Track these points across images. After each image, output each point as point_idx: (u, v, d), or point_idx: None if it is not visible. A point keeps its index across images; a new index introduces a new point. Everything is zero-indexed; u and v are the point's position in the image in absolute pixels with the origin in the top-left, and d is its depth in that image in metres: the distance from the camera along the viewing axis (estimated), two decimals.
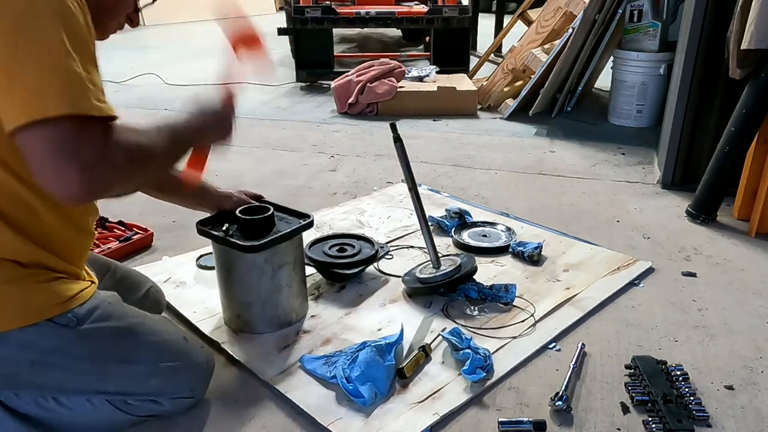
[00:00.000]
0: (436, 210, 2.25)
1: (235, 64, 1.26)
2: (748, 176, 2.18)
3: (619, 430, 1.25)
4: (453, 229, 2.09)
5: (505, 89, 3.86)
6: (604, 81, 4.09)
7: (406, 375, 1.36)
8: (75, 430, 1.19)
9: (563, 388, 1.34)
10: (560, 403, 1.29)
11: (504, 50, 4.98)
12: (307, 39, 4.33)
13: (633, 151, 3.06)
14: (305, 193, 2.53)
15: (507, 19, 5.33)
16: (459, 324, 1.58)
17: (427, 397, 1.32)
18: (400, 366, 1.37)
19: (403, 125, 3.44)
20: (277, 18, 7.21)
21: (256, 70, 1.27)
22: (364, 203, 2.40)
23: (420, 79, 3.94)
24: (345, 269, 1.76)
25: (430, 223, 1.77)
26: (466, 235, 2.07)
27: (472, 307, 1.66)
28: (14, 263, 1.06)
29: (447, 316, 1.62)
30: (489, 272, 1.85)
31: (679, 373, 1.38)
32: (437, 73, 4.05)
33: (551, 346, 1.51)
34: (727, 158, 2.16)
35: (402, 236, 2.10)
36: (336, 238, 1.92)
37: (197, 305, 1.67)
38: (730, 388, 1.37)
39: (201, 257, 1.92)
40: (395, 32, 6.76)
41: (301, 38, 4.34)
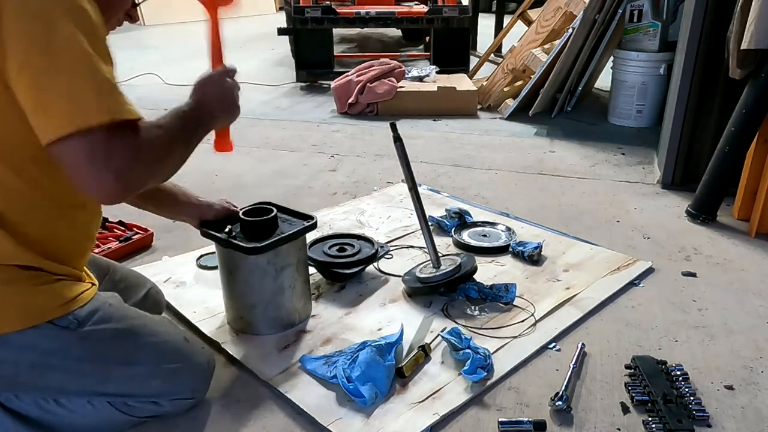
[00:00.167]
0: (436, 210, 2.25)
1: (214, 26, 1.26)
2: (748, 176, 2.18)
3: (619, 430, 1.25)
4: (453, 229, 2.09)
5: (505, 89, 3.86)
6: (604, 81, 4.09)
7: (405, 374, 1.36)
8: (75, 431, 1.19)
9: (563, 388, 1.34)
10: (560, 403, 1.29)
11: (504, 50, 4.98)
12: (307, 39, 4.33)
13: (633, 151, 3.06)
14: (305, 193, 2.53)
15: (507, 19, 5.33)
16: (459, 324, 1.58)
17: (427, 397, 1.32)
18: (399, 365, 1.37)
19: (403, 125, 3.44)
20: (277, 18, 7.22)
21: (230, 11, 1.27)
22: (364, 203, 2.40)
23: (420, 79, 3.93)
24: (345, 269, 1.76)
25: (430, 223, 1.77)
26: (466, 235, 2.07)
27: (473, 307, 1.66)
28: (14, 266, 1.06)
29: (447, 316, 1.62)
30: (489, 272, 1.85)
31: (679, 373, 1.38)
32: (437, 73, 4.05)
33: (551, 346, 1.51)
34: (727, 158, 2.16)
35: (402, 236, 2.10)
36: (336, 237, 1.92)
37: (197, 305, 1.67)
38: (730, 388, 1.37)
39: (201, 257, 1.92)
40: (395, 32, 6.76)
41: (301, 38, 4.34)
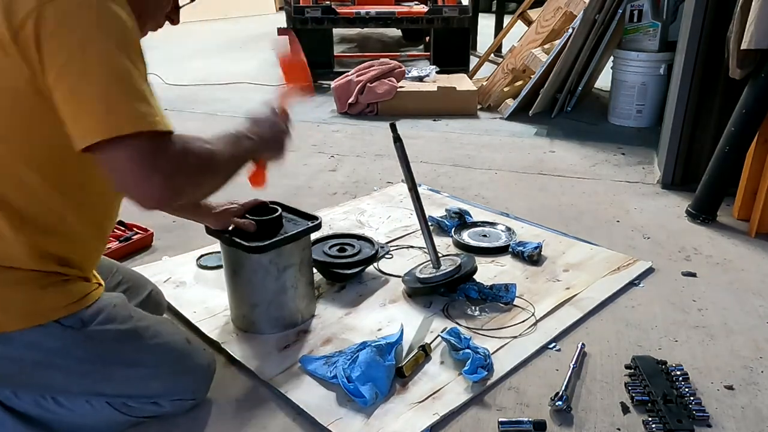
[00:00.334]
0: (436, 210, 2.25)
1: (285, 90, 1.35)
2: (748, 176, 2.18)
3: (619, 430, 1.26)
4: (453, 229, 2.09)
5: (505, 89, 3.86)
6: (604, 81, 4.09)
7: (405, 374, 1.36)
8: (74, 430, 1.19)
9: (563, 388, 1.34)
10: (560, 403, 1.29)
11: (504, 50, 4.98)
12: (307, 39, 4.33)
13: (633, 151, 3.06)
14: (305, 193, 2.53)
15: (507, 19, 5.33)
16: (459, 324, 1.58)
17: (427, 397, 1.32)
18: (400, 365, 1.37)
19: (403, 125, 3.44)
20: (277, 18, 7.22)
21: (299, 96, 1.36)
22: (364, 203, 2.40)
23: (420, 79, 3.93)
24: (345, 269, 1.76)
25: (430, 223, 1.77)
26: (466, 235, 2.07)
27: (473, 307, 1.66)
28: (16, 269, 1.05)
29: (447, 316, 1.62)
30: (489, 272, 1.85)
31: (679, 373, 1.38)
32: (437, 73, 4.05)
33: (551, 346, 1.51)
34: (727, 158, 2.16)
35: (402, 236, 2.10)
36: (336, 238, 1.92)
37: (197, 305, 1.67)
38: (730, 388, 1.37)
39: (201, 257, 1.92)
40: (395, 32, 6.76)
41: (301, 38, 4.31)
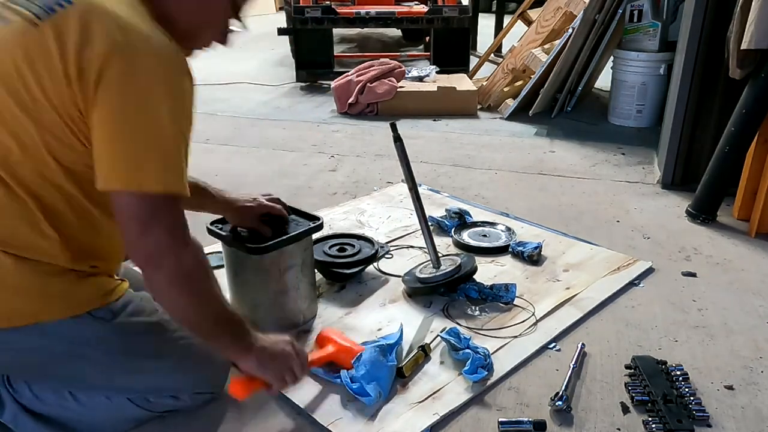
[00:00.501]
0: (436, 210, 2.25)
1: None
2: (748, 176, 2.18)
3: (619, 430, 1.26)
4: (453, 229, 2.09)
5: (505, 89, 3.86)
6: (604, 81, 4.08)
7: (405, 374, 1.37)
8: (94, 427, 1.20)
9: (563, 388, 1.34)
10: (560, 403, 1.29)
11: (504, 50, 4.98)
12: (307, 39, 4.33)
13: (633, 151, 3.06)
14: (305, 193, 2.53)
15: (507, 19, 5.33)
16: (460, 324, 1.58)
17: (427, 397, 1.32)
18: (399, 365, 1.37)
19: (403, 125, 3.44)
20: (277, 18, 7.22)
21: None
22: (364, 203, 2.40)
23: (420, 79, 3.93)
24: (345, 269, 1.76)
25: (430, 223, 1.77)
26: (466, 235, 2.07)
27: (473, 307, 1.66)
28: (51, 264, 1.07)
29: (447, 316, 1.62)
30: (489, 272, 1.85)
31: (679, 373, 1.38)
32: (437, 73, 4.05)
33: (551, 346, 1.51)
34: (727, 158, 2.16)
35: (402, 236, 2.10)
36: (336, 237, 1.92)
37: None
38: (730, 388, 1.37)
39: None
40: (395, 32, 6.76)
41: (301, 38, 4.34)
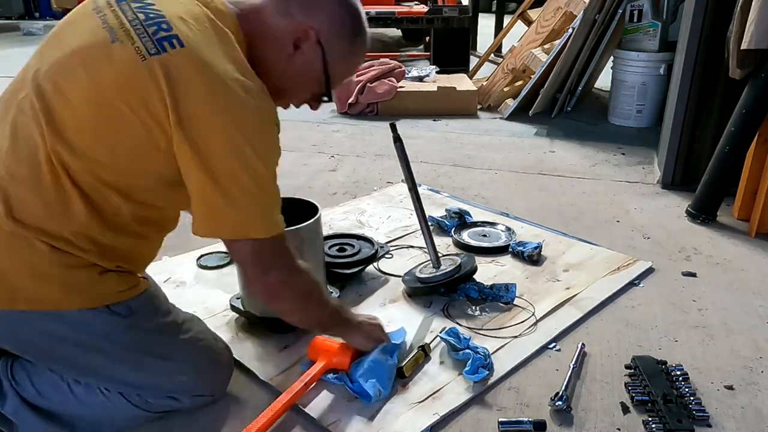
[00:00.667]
0: (436, 210, 2.25)
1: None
2: (748, 176, 2.18)
3: (619, 430, 1.26)
4: (453, 229, 2.09)
5: (505, 89, 3.86)
6: (604, 81, 4.09)
7: (406, 374, 1.36)
8: (93, 425, 1.21)
9: (563, 388, 1.34)
10: (560, 403, 1.29)
11: (504, 50, 4.98)
12: None
13: (633, 151, 3.06)
14: (305, 193, 2.52)
15: (507, 19, 5.33)
16: (459, 324, 1.58)
17: (427, 397, 1.32)
18: (400, 366, 1.37)
19: (403, 125, 3.44)
20: None
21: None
22: (364, 203, 2.40)
23: (420, 79, 3.94)
24: (345, 269, 1.76)
25: (430, 223, 1.77)
26: (466, 235, 2.07)
27: (473, 307, 1.66)
28: (81, 258, 1.09)
29: (447, 316, 1.62)
30: (489, 272, 1.85)
31: (679, 373, 1.38)
32: (437, 73, 4.05)
33: (551, 346, 1.51)
34: (727, 158, 2.16)
35: (402, 236, 2.10)
36: (336, 238, 1.92)
37: (197, 305, 1.66)
38: (730, 388, 1.37)
39: (201, 257, 1.92)
40: (395, 32, 6.76)
41: None
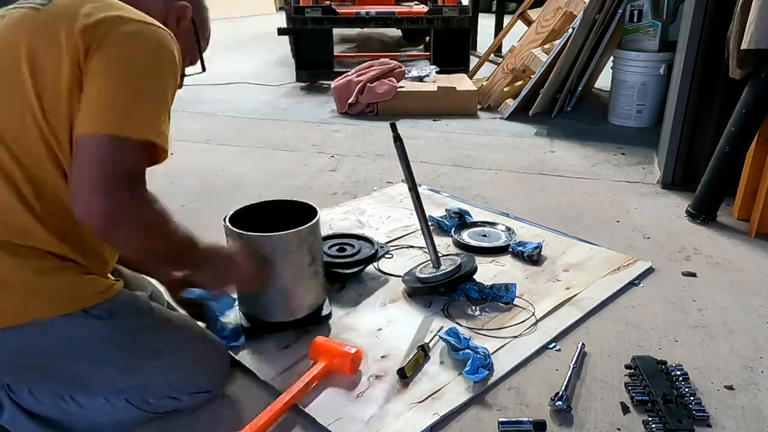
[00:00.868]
0: (436, 210, 2.25)
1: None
2: (748, 176, 2.18)
3: (619, 430, 1.26)
4: (453, 229, 2.09)
5: (505, 89, 3.86)
6: (604, 81, 4.08)
7: (407, 375, 1.36)
8: (94, 430, 1.21)
9: (563, 388, 1.34)
10: (560, 403, 1.29)
11: (504, 50, 4.98)
12: (307, 39, 4.33)
13: (633, 151, 3.06)
14: (305, 193, 2.53)
15: (507, 19, 5.33)
16: (460, 324, 1.58)
17: (427, 397, 1.32)
18: (401, 366, 1.37)
19: (403, 125, 3.44)
20: (277, 18, 7.22)
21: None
22: (364, 203, 2.40)
23: (420, 79, 3.93)
24: (345, 269, 1.76)
25: (430, 223, 1.77)
26: (466, 235, 2.07)
27: (473, 307, 1.66)
28: (49, 254, 1.08)
29: (447, 316, 1.62)
30: (489, 272, 1.85)
31: (679, 373, 1.38)
32: (437, 73, 4.05)
33: (551, 346, 1.51)
34: (727, 158, 2.16)
35: (402, 236, 2.10)
36: (336, 237, 1.92)
37: None
38: (730, 388, 1.37)
39: None
40: (395, 32, 6.76)
41: (301, 38, 4.34)
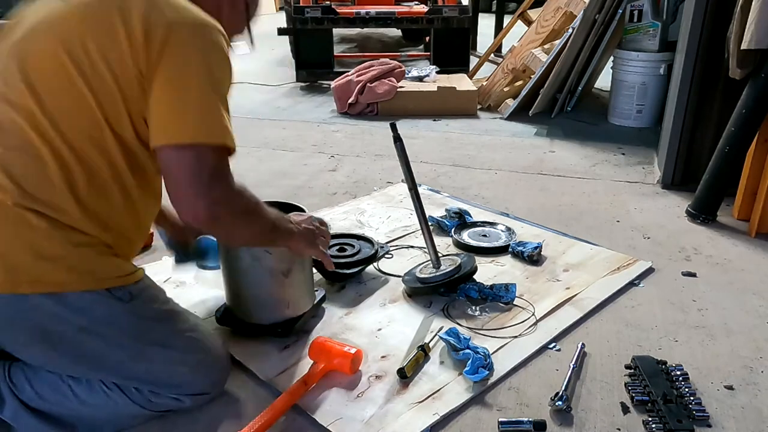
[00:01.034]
0: (436, 210, 2.25)
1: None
2: (748, 176, 2.18)
3: (619, 430, 1.26)
4: (453, 229, 2.09)
5: (505, 89, 3.86)
6: (604, 81, 4.09)
7: (407, 375, 1.36)
8: (94, 426, 1.21)
9: (563, 388, 1.34)
10: (560, 403, 1.29)
11: (504, 50, 4.98)
12: (307, 39, 4.33)
13: (633, 151, 3.06)
14: (305, 193, 2.53)
15: (507, 19, 5.33)
16: (460, 324, 1.58)
17: (427, 397, 1.32)
18: (401, 366, 1.37)
19: (403, 125, 3.44)
20: (277, 18, 7.22)
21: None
22: (364, 203, 2.40)
23: (420, 79, 3.93)
24: (345, 269, 1.76)
25: (430, 223, 1.77)
26: (466, 235, 2.07)
27: (473, 307, 1.66)
28: (82, 233, 1.10)
29: (447, 316, 1.62)
30: (489, 272, 1.85)
31: (679, 373, 1.38)
32: (437, 73, 4.05)
33: (551, 346, 1.51)
34: (727, 158, 2.16)
35: (402, 236, 2.10)
36: (336, 237, 1.91)
37: (197, 305, 1.67)
38: (730, 388, 1.37)
39: None
40: (395, 32, 6.76)
41: (301, 38, 4.34)
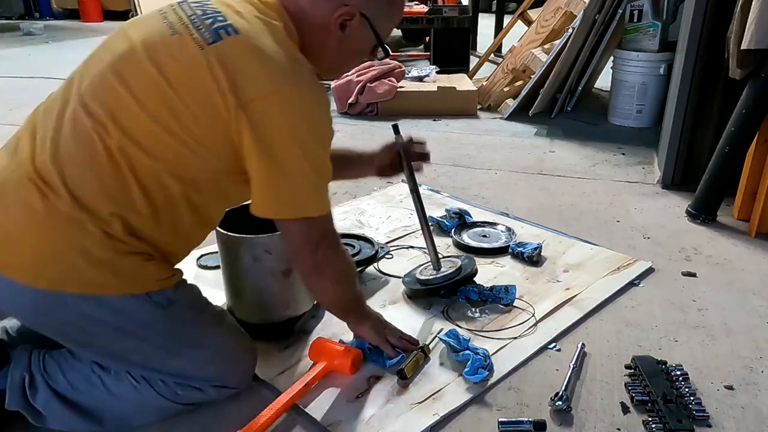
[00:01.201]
0: (436, 210, 2.25)
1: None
2: (748, 176, 2.18)
3: (619, 430, 1.26)
4: (453, 230, 2.09)
5: (505, 89, 3.86)
6: (604, 81, 4.09)
7: (407, 376, 1.37)
8: (121, 418, 1.23)
9: (563, 388, 1.34)
10: (560, 403, 1.29)
11: (504, 50, 4.98)
12: None
13: (633, 151, 3.06)
14: None
15: (507, 19, 5.33)
16: (460, 326, 1.58)
17: (427, 398, 1.32)
18: (401, 367, 1.37)
19: (403, 125, 3.40)
20: None
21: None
22: (364, 203, 2.40)
23: (420, 79, 3.94)
24: None
25: (430, 223, 1.77)
26: (465, 236, 2.07)
27: (473, 309, 1.66)
28: (133, 236, 1.12)
29: (447, 318, 1.62)
30: (489, 273, 1.85)
31: (679, 373, 1.38)
32: (437, 73, 4.05)
33: (551, 346, 1.51)
34: (727, 158, 2.16)
35: (402, 236, 2.10)
36: None
37: None
38: (730, 388, 1.37)
39: (201, 257, 1.92)
40: (395, 32, 6.76)
41: None
